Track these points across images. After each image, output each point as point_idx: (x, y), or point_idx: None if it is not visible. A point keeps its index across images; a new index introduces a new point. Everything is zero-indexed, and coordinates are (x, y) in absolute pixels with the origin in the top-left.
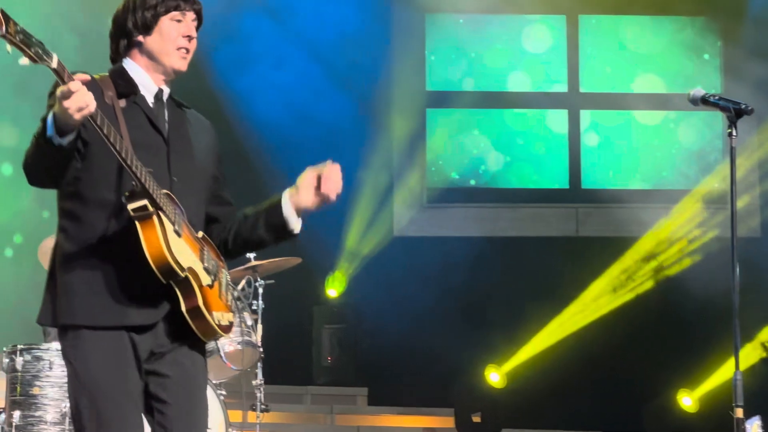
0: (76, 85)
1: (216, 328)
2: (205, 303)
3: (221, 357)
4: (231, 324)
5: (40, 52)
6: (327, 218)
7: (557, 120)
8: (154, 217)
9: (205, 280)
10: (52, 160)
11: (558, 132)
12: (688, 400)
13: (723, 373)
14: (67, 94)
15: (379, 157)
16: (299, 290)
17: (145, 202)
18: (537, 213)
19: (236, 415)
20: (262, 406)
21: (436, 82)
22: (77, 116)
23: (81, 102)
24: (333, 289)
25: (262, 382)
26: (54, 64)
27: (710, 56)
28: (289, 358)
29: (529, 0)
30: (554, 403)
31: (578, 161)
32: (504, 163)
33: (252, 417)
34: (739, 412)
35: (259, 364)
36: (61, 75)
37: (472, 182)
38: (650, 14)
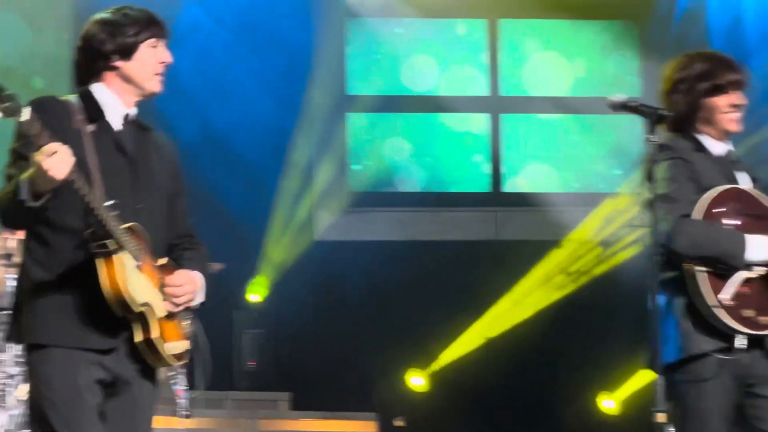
0: (57, 145)
1: (167, 358)
2: (161, 335)
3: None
4: (187, 350)
5: (12, 106)
6: (248, 223)
7: (478, 124)
8: (113, 256)
9: (162, 312)
10: (26, 217)
11: (479, 135)
12: (609, 403)
13: (645, 376)
14: (50, 154)
15: (300, 162)
16: (220, 296)
17: (105, 241)
18: (458, 217)
19: (158, 421)
20: (184, 412)
21: (356, 86)
22: (59, 177)
23: (65, 162)
24: (254, 294)
25: (185, 387)
26: (25, 118)
27: (629, 59)
28: (212, 363)
29: (451, 4)
30: (477, 407)
31: (499, 165)
32: (425, 168)
33: (174, 423)
34: (661, 417)
35: (180, 370)
36: (34, 131)
37: (394, 187)
38: (571, 18)
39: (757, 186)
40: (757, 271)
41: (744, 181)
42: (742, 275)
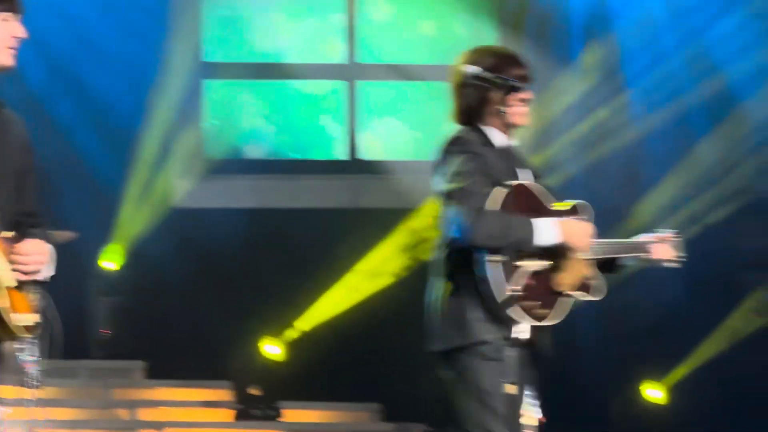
0: None
1: (14, 329)
2: (11, 305)
3: None
4: (37, 324)
5: None
6: (102, 190)
7: (336, 91)
8: None
9: (11, 282)
10: None
11: (336, 103)
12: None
13: None
14: None
15: (155, 129)
16: (74, 263)
17: None
18: (314, 184)
19: (8, 391)
20: (35, 382)
21: (212, 53)
22: None
23: None
24: (109, 262)
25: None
26: None
27: (487, 30)
28: (65, 332)
29: None
30: (332, 375)
31: (354, 132)
32: (283, 135)
33: (25, 393)
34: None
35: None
36: None
37: (251, 154)
38: None
39: (539, 182)
40: (539, 264)
41: (525, 177)
42: (530, 267)
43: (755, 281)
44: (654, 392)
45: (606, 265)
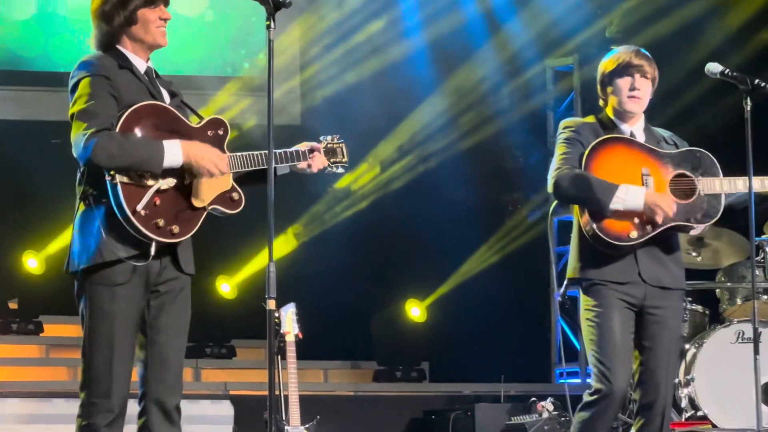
0: None
1: None
2: None
3: None
4: None
5: None
6: None
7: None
8: None
9: None
10: None
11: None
12: (226, 287)
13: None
14: None
15: None
16: None
17: None
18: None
19: None
20: None
21: None
22: None
23: None
24: None
25: None
26: None
27: None
28: None
29: None
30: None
31: None
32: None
33: None
34: (272, 304)
35: None
36: None
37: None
38: None
39: (173, 102)
40: (167, 183)
41: (163, 98)
42: (155, 186)
43: (518, 201)
44: (415, 310)
45: (258, 175)
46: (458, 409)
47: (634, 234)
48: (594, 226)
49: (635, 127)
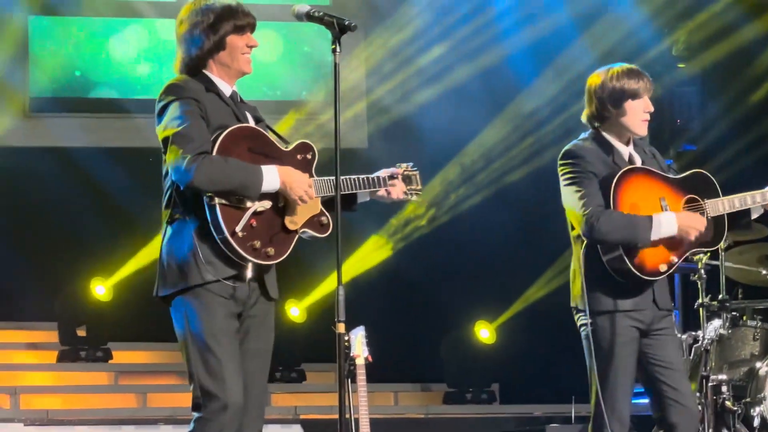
0: None
1: None
2: None
3: None
4: None
5: None
6: None
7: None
8: None
9: None
10: None
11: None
12: (295, 311)
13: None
14: None
15: None
16: None
17: None
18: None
19: None
20: None
21: None
22: None
23: None
24: None
25: None
26: None
27: None
28: None
29: None
30: (157, 317)
31: None
32: (112, 74)
33: None
34: (341, 327)
35: None
36: None
37: (78, 92)
38: None
39: (261, 125)
40: (263, 205)
41: (249, 121)
42: (253, 208)
43: None
44: (484, 332)
45: (344, 204)
46: (529, 431)
47: (664, 267)
48: (627, 261)
49: (630, 147)
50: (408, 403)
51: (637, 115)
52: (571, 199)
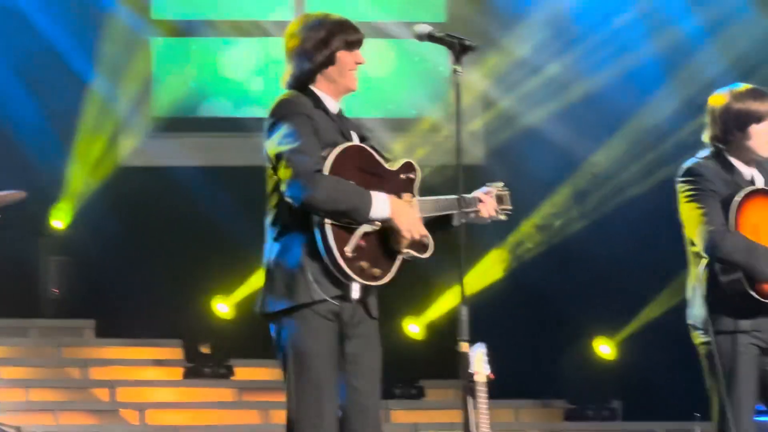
0: None
1: None
2: None
3: None
4: None
5: None
6: (50, 149)
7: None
8: None
9: None
10: None
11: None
12: (414, 328)
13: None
14: None
15: (102, 87)
16: (23, 223)
17: None
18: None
19: None
20: None
21: (160, 11)
22: None
23: None
24: (58, 221)
25: None
26: None
27: None
28: (15, 291)
29: None
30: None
31: None
32: (230, 94)
33: None
34: (464, 347)
35: None
36: None
37: (199, 112)
38: None
39: (366, 144)
40: (372, 227)
41: (355, 139)
42: (362, 229)
43: None
44: (605, 348)
45: (440, 224)
46: None
47: None
48: (747, 285)
49: (752, 168)
50: (529, 420)
51: (763, 138)
52: (692, 216)
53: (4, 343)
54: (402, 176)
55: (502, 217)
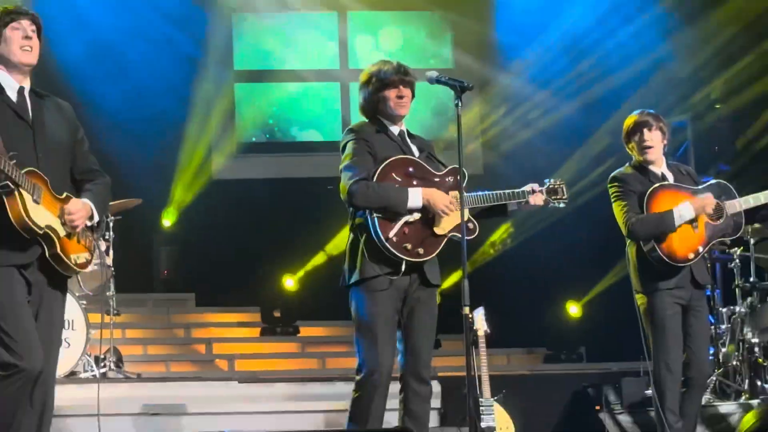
0: None
1: (72, 266)
2: (62, 249)
3: (78, 281)
4: (87, 261)
5: None
6: (160, 167)
7: (332, 90)
8: (15, 193)
9: (62, 231)
10: None
11: (328, 97)
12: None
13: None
14: None
15: (198, 120)
16: (141, 222)
17: (6, 182)
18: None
19: (96, 317)
20: (114, 311)
21: (242, 61)
22: None
23: None
24: (167, 220)
25: (114, 292)
26: None
27: (444, 40)
28: (136, 273)
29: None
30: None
31: (349, 118)
32: (294, 123)
33: (107, 319)
34: (467, 310)
35: (111, 280)
36: None
37: (273, 137)
38: (401, 10)
39: (422, 155)
40: (413, 217)
41: (412, 153)
42: (404, 219)
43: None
44: (573, 308)
45: (495, 212)
46: (609, 383)
47: (691, 255)
48: (659, 251)
49: (662, 168)
50: (517, 363)
51: (638, 145)
52: (617, 210)
53: (128, 311)
54: (449, 179)
55: (561, 205)
